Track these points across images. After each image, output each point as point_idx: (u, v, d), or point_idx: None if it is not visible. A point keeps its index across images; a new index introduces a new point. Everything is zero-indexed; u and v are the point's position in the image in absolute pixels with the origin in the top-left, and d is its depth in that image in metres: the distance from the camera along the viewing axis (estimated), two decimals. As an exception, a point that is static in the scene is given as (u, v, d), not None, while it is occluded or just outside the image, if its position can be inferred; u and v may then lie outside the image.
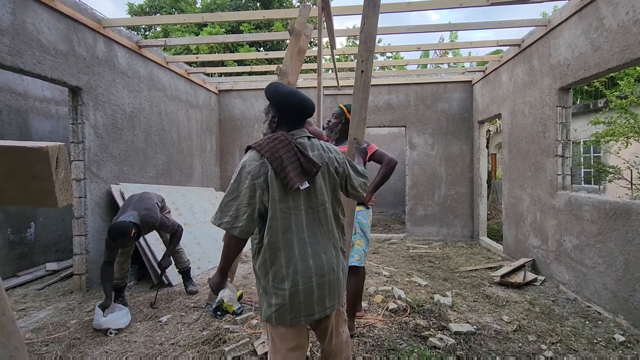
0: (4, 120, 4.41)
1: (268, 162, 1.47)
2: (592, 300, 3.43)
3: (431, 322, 3.04)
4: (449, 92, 6.79)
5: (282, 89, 1.62)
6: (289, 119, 1.63)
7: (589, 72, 3.51)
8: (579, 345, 2.70)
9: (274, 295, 1.47)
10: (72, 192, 0.64)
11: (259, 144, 1.54)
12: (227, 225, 1.43)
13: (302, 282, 1.47)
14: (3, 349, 0.58)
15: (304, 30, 3.52)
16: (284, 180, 1.46)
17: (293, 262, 1.47)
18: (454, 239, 6.71)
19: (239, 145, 7.35)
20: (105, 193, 4.16)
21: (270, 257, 1.47)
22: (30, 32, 3.28)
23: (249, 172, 1.46)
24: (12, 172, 0.57)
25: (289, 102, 1.60)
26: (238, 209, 1.43)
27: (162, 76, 5.40)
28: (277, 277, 1.47)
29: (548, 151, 4.25)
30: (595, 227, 3.39)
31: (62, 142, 0.62)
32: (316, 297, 1.50)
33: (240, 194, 1.44)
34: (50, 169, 0.56)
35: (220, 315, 3.17)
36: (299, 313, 1.49)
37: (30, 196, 0.59)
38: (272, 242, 1.46)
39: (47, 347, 2.71)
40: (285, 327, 1.51)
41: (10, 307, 0.62)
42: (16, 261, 4.45)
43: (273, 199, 1.45)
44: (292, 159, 1.49)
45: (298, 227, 1.50)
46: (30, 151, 0.56)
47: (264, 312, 1.52)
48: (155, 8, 11.84)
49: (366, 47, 2.11)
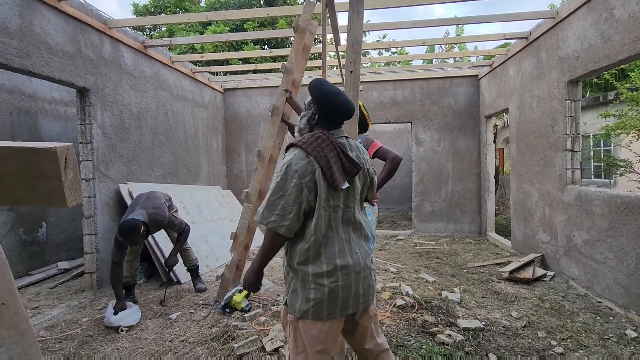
0: (14, 122, 4.48)
1: (315, 161, 1.47)
2: (603, 295, 3.39)
3: (439, 319, 3.03)
4: (455, 86, 6.72)
5: (328, 88, 1.61)
6: (330, 118, 1.62)
7: (598, 64, 3.45)
8: (590, 341, 2.67)
9: (313, 290, 1.48)
10: (81, 192, 0.65)
11: (304, 142, 1.53)
12: (274, 224, 1.44)
13: (341, 278, 1.50)
14: (17, 346, 0.59)
15: (309, 28, 3.51)
16: (330, 179, 1.48)
17: (333, 258, 1.49)
18: (461, 235, 6.66)
19: (244, 144, 7.38)
20: (114, 192, 4.21)
21: (313, 253, 1.48)
22: (38, 34, 3.32)
23: (295, 171, 1.46)
24: (21, 173, 0.58)
25: (334, 102, 1.59)
26: (284, 208, 1.43)
27: (168, 76, 5.44)
28: (318, 273, 1.49)
29: (557, 145, 4.19)
30: (606, 222, 3.34)
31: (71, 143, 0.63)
32: (353, 293, 1.53)
33: (287, 192, 1.44)
34: (59, 169, 0.57)
35: (228, 312, 3.20)
36: (336, 308, 1.51)
37: (39, 196, 0.60)
38: (316, 239, 1.48)
39: (60, 345, 2.76)
40: (318, 326, 1.51)
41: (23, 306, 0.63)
42: (29, 260, 4.53)
43: (319, 198, 1.47)
44: (335, 158, 1.51)
45: (338, 225, 1.53)
46: (39, 152, 0.57)
47: (298, 307, 1.50)
48: (160, 8, 11.89)
49: (353, 50, 2.26)
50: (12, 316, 0.59)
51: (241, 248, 3.53)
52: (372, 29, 5.09)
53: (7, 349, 0.57)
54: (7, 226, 4.29)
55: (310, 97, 1.65)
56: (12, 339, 0.58)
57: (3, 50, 2.99)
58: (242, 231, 3.48)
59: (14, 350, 0.58)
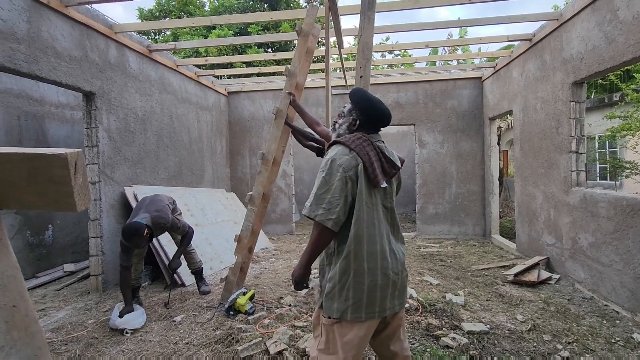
0: (22, 125, 4.53)
1: (358, 156, 1.52)
2: (609, 298, 3.36)
3: (443, 322, 3.01)
4: (458, 89, 6.71)
5: (370, 96, 1.68)
6: (371, 124, 1.68)
7: (603, 65, 3.44)
8: (596, 345, 2.65)
9: (353, 289, 1.48)
10: (89, 196, 0.66)
11: (347, 139, 1.58)
12: (321, 217, 1.44)
13: (380, 277, 1.50)
14: (27, 347, 0.60)
15: (312, 31, 3.53)
16: (371, 175, 1.51)
17: (374, 256, 1.50)
18: (465, 238, 6.63)
19: (248, 147, 7.41)
20: (119, 195, 4.25)
21: (354, 249, 1.48)
22: (46, 40, 3.37)
23: (340, 165, 1.49)
24: (33, 178, 0.59)
25: (375, 110, 1.66)
26: (330, 202, 1.45)
27: (173, 79, 5.48)
28: (358, 271, 1.49)
29: (561, 147, 4.17)
30: (612, 224, 3.32)
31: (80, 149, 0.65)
32: (389, 293, 1.54)
33: (332, 186, 1.46)
34: (69, 175, 0.58)
35: (232, 315, 3.20)
36: (374, 308, 1.51)
37: (50, 200, 0.62)
38: (358, 234, 1.48)
39: (66, 347, 2.78)
40: (355, 330, 1.50)
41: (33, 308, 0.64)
42: (35, 263, 4.58)
43: (360, 192, 1.49)
44: (375, 157, 1.55)
45: (379, 222, 1.55)
46: (50, 157, 0.58)
47: (336, 307, 1.50)
48: (165, 12, 12.00)
49: (364, 55, 2.34)
50: (22, 318, 0.60)
51: (245, 250, 3.54)
52: (376, 31, 5.10)
53: (17, 350, 0.58)
54: (15, 229, 4.33)
55: (351, 105, 1.70)
56: (23, 340, 0.59)
57: (11, 55, 3.04)
58: (245, 234, 3.49)
59: (24, 352, 0.59)
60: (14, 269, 0.60)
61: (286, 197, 7.35)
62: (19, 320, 0.60)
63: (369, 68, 2.35)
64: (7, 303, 0.57)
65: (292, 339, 2.72)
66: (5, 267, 0.59)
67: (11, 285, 0.58)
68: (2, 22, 2.98)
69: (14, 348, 0.57)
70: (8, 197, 0.61)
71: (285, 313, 3.22)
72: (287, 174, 7.28)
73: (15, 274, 0.60)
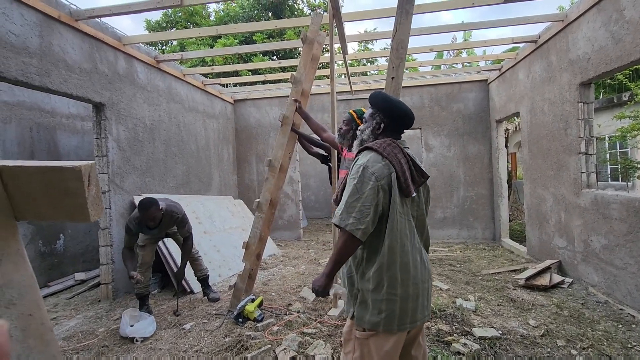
0: (34, 137, 4.63)
1: (391, 165, 1.48)
2: (625, 302, 3.29)
3: (454, 327, 2.98)
4: (464, 92, 6.69)
5: (392, 98, 1.65)
6: (396, 127, 1.64)
7: (610, 65, 3.41)
8: (612, 350, 2.59)
9: (386, 301, 1.45)
10: (102, 206, 0.68)
11: (379, 145, 1.53)
12: (352, 226, 1.40)
13: (412, 288, 1.48)
14: (42, 355, 0.62)
15: (317, 38, 3.57)
16: (404, 184, 1.47)
17: (407, 268, 1.47)
18: (475, 242, 6.56)
19: (255, 154, 7.46)
20: (129, 204, 4.30)
21: (388, 261, 1.45)
22: (57, 53, 3.45)
23: (372, 173, 1.44)
24: (48, 190, 0.61)
25: (399, 110, 1.61)
26: (361, 211, 1.41)
27: (180, 89, 5.57)
28: (392, 283, 1.45)
29: (570, 148, 4.12)
30: (625, 226, 3.25)
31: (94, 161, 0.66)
32: (419, 304, 1.51)
33: (363, 195, 1.42)
34: (83, 186, 0.60)
35: (241, 322, 3.20)
36: (406, 320, 1.48)
37: (64, 212, 0.63)
38: (392, 246, 1.45)
39: (77, 355, 2.80)
40: (392, 342, 1.48)
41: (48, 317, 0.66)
42: (47, 272, 4.64)
43: (394, 202, 1.45)
44: (406, 165, 1.51)
45: (410, 233, 1.51)
46: (64, 170, 0.60)
47: (368, 319, 1.47)
48: (172, 23, 12.22)
49: (397, 55, 2.13)
50: (38, 327, 0.61)
51: (253, 257, 3.55)
52: (379, 37, 5.13)
53: (33, 358, 0.59)
54: (27, 239, 4.41)
55: (373, 109, 1.67)
56: (38, 348, 0.60)
57: (24, 69, 3.12)
58: (253, 240, 3.50)
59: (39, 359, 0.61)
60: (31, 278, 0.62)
61: (293, 204, 7.36)
62: (35, 329, 0.61)
63: (402, 69, 2.14)
64: (23, 312, 0.59)
65: (301, 345, 2.71)
66: (22, 277, 0.60)
67: (28, 294, 0.60)
68: (15, 37, 3.06)
69: (30, 356, 0.58)
70: (25, 209, 0.63)
71: (294, 320, 3.21)
72: (294, 180, 7.30)
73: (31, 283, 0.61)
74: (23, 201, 0.61)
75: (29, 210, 0.63)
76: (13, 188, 0.60)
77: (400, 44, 2.14)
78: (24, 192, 0.60)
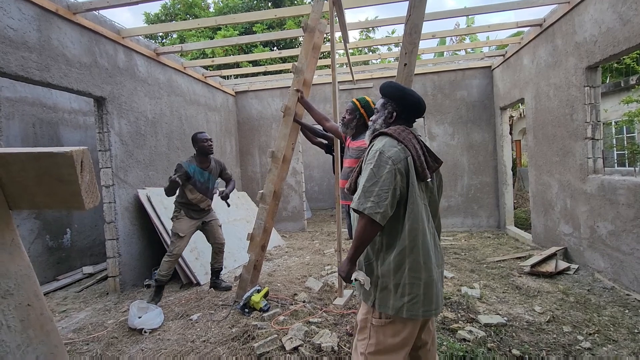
0: (37, 132, 4.65)
1: (407, 149, 1.49)
2: (632, 288, 3.27)
3: (459, 315, 2.98)
4: (467, 79, 6.60)
5: (403, 86, 1.66)
6: (407, 115, 1.65)
7: (618, 47, 3.32)
8: (619, 335, 2.58)
9: (409, 285, 1.44)
10: (97, 194, 0.67)
11: (393, 130, 1.55)
12: (370, 210, 1.40)
13: (434, 272, 1.48)
14: (43, 346, 0.62)
15: (318, 27, 3.51)
16: (419, 168, 1.48)
17: (428, 251, 1.46)
18: (479, 230, 6.54)
19: (257, 145, 7.44)
20: (133, 198, 4.32)
21: (409, 244, 1.45)
22: (56, 47, 3.43)
23: (389, 157, 1.45)
24: (40, 177, 0.60)
25: (410, 98, 1.63)
26: (379, 195, 1.41)
27: (181, 81, 5.54)
28: (414, 267, 1.45)
29: (577, 134, 4.06)
30: (632, 211, 3.22)
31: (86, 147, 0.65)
32: (439, 289, 1.52)
33: (381, 179, 1.42)
34: (75, 173, 0.59)
35: (248, 312, 3.23)
36: (431, 305, 1.47)
37: (58, 199, 0.62)
38: (413, 228, 1.44)
39: (87, 346, 2.85)
40: (409, 329, 1.47)
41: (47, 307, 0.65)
42: (55, 266, 4.70)
43: (413, 185, 1.45)
44: (421, 150, 1.53)
45: (427, 217, 1.51)
46: (56, 156, 0.59)
47: (392, 304, 1.46)
48: (171, 16, 12.11)
49: (411, 40, 2.03)
50: (37, 317, 0.61)
51: (258, 249, 3.56)
52: (380, 24, 5.05)
53: (34, 349, 0.59)
54: (34, 233, 4.46)
55: (385, 98, 1.67)
56: (39, 338, 0.60)
57: (24, 64, 3.11)
58: (258, 232, 3.51)
59: (40, 350, 0.61)
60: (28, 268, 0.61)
61: (297, 195, 7.36)
62: (34, 319, 0.61)
63: (415, 55, 2.06)
64: (22, 302, 0.59)
65: (307, 335, 2.72)
66: (18, 267, 0.60)
67: (25, 284, 0.59)
68: (13, 32, 3.05)
69: (30, 346, 0.58)
70: (18, 197, 0.62)
71: (300, 309, 3.23)
72: (297, 171, 7.29)
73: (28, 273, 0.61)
74: (16, 190, 0.60)
75: (23, 199, 0.63)
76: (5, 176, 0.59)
77: (414, 29, 2.03)
78: (16, 181, 0.59)
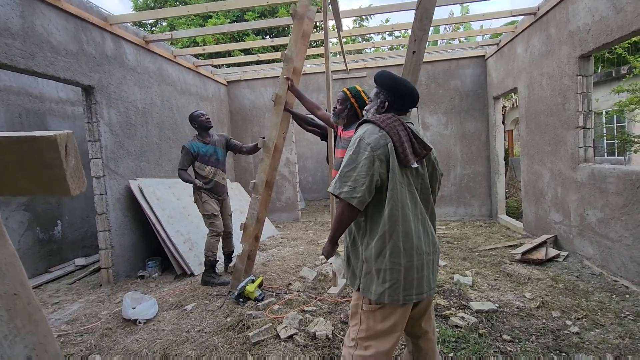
0: (24, 123, 4.53)
1: (388, 135, 1.50)
2: (619, 274, 3.34)
3: (452, 302, 3.03)
4: (461, 68, 6.58)
5: (395, 76, 1.66)
6: (399, 105, 1.65)
7: (611, 36, 3.33)
8: (606, 319, 2.64)
9: (389, 270, 1.47)
10: (84, 179, 0.65)
11: (377, 118, 1.56)
12: (346, 194, 1.44)
13: (416, 258, 1.49)
14: (32, 336, 0.60)
15: (307, 14, 3.45)
16: (401, 154, 1.49)
17: (409, 236, 1.48)
18: (471, 219, 6.61)
19: (250, 135, 7.37)
20: (125, 189, 4.26)
21: (389, 229, 1.47)
22: (40, 34, 3.33)
23: (368, 144, 1.47)
24: (23, 162, 0.58)
25: (403, 88, 1.63)
26: (356, 180, 1.44)
27: (171, 70, 5.43)
28: (394, 252, 1.47)
29: (568, 123, 4.09)
30: (621, 199, 3.27)
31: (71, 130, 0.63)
32: (425, 275, 1.53)
33: (359, 165, 1.45)
34: (60, 157, 0.57)
35: (242, 302, 3.24)
36: (412, 290, 1.49)
37: (43, 185, 0.60)
38: (393, 214, 1.46)
39: (81, 337, 2.84)
40: (398, 314, 1.49)
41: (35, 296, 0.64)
42: (47, 258, 4.65)
43: (393, 171, 1.47)
44: (406, 137, 1.53)
45: (412, 203, 1.52)
46: (39, 140, 0.57)
47: (374, 290, 1.49)
48: (160, 2, 11.82)
49: (421, 26, 1.98)
50: (25, 306, 0.60)
51: (251, 239, 3.56)
52: (375, 12, 4.98)
53: (22, 339, 0.58)
54: (24, 226, 4.39)
55: (378, 88, 1.68)
56: (27, 328, 0.59)
57: (7, 51, 3.01)
58: (251, 222, 3.50)
59: (29, 340, 0.59)
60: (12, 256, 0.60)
61: (290, 185, 7.34)
62: (21, 309, 0.59)
63: (425, 43, 2.00)
64: (7, 291, 0.57)
65: (301, 323, 2.75)
66: (2, 255, 0.58)
67: (10, 273, 0.57)
68: (-5, 18, 2.94)
69: (18, 336, 0.57)
70: (1, 183, 0.60)
71: (294, 298, 3.25)
72: (291, 162, 7.26)
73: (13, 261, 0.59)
74: (-1, 175, 0.58)
75: (6, 185, 0.60)
76: (-15, 161, 0.56)
77: (425, 14, 1.98)
78: (-2, 166, 0.57)
